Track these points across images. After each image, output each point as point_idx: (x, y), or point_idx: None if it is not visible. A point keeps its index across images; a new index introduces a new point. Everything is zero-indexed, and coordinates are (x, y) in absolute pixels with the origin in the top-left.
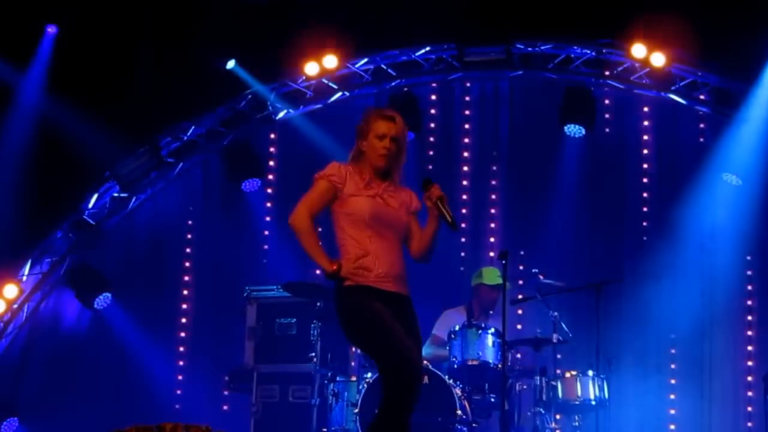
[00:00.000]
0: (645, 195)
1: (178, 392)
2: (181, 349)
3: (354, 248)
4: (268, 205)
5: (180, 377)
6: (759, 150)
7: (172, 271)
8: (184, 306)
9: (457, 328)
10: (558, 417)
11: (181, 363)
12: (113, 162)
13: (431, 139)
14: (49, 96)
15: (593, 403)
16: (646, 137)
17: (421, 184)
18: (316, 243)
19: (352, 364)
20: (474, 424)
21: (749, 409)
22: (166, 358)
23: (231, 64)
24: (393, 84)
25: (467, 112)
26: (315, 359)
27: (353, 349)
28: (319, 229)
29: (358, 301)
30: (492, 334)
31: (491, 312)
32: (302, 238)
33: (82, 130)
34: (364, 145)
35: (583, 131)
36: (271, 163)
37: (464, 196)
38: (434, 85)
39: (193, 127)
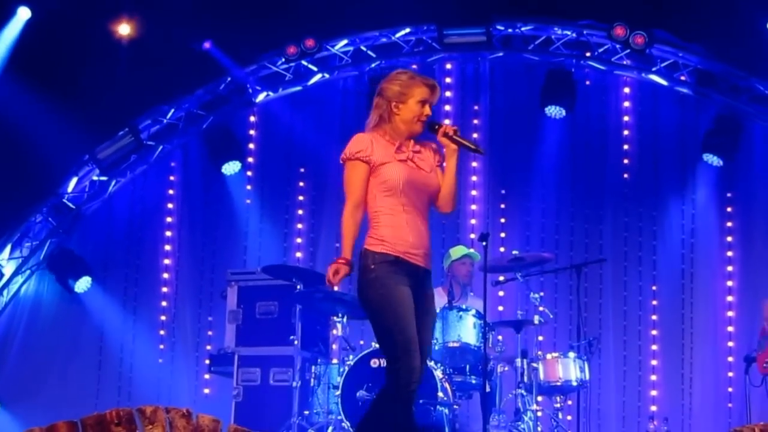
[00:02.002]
0: (625, 176)
1: (159, 376)
2: (162, 332)
3: (387, 218)
4: (248, 188)
5: (161, 361)
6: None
7: (152, 255)
8: (165, 289)
9: (437, 309)
10: (539, 399)
11: (161, 346)
12: (92, 145)
13: None
14: (27, 80)
15: (574, 384)
16: (626, 118)
17: (428, 127)
18: (348, 240)
19: (334, 346)
20: (455, 406)
21: (730, 389)
22: (146, 342)
23: (207, 45)
24: (373, 66)
25: (447, 94)
26: (296, 342)
27: (334, 331)
28: None
29: (383, 277)
30: (473, 315)
31: (470, 291)
32: (341, 233)
33: (61, 114)
34: (400, 108)
35: (564, 113)
36: (251, 146)
37: None
38: (414, 66)
39: (172, 110)
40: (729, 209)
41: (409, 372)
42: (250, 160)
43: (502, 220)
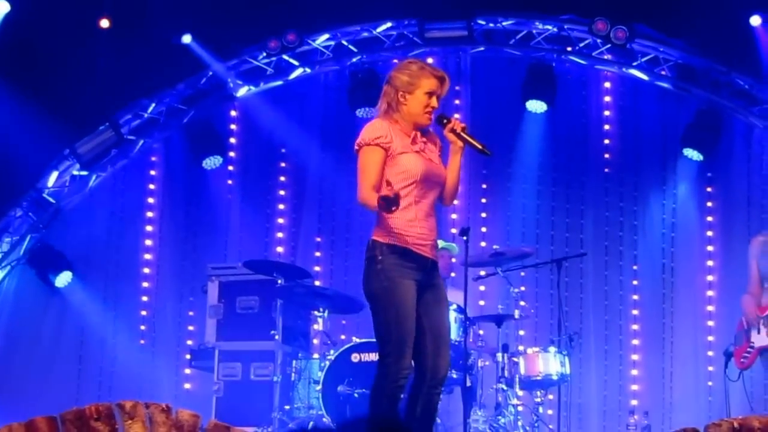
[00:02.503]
0: (606, 171)
1: (140, 371)
2: (143, 327)
3: (401, 208)
4: (229, 182)
5: (141, 356)
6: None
7: (133, 250)
8: (146, 284)
9: None
10: (520, 393)
11: (142, 341)
12: (73, 140)
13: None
14: (7, 74)
15: (555, 378)
16: (607, 113)
17: (437, 120)
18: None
19: (315, 341)
20: None
21: (710, 383)
22: (127, 337)
23: (187, 38)
24: (354, 60)
25: None
26: (277, 337)
27: (315, 326)
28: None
29: (389, 269)
30: (454, 310)
31: (448, 284)
32: (370, 206)
33: (41, 108)
34: (408, 98)
35: (545, 107)
36: (232, 140)
37: None
38: (395, 61)
39: (153, 105)
40: (709, 204)
41: (398, 368)
42: (232, 154)
43: (483, 215)
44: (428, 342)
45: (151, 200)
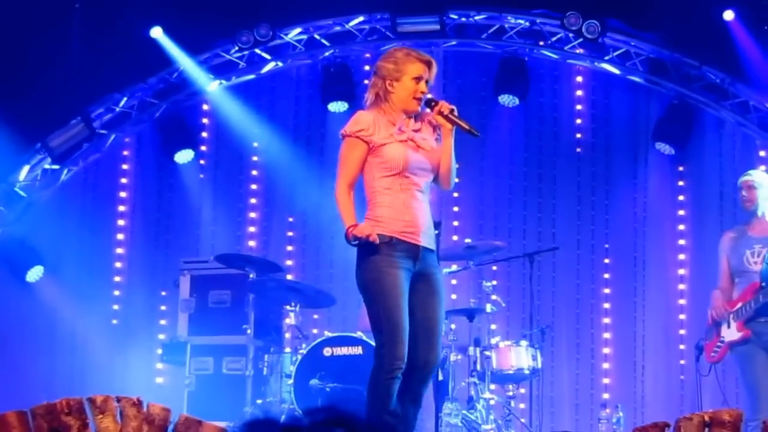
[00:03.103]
0: (578, 165)
1: (112, 365)
2: (114, 321)
3: (385, 198)
4: (201, 176)
5: (113, 350)
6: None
7: (104, 244)
8: (118, 279)
9: None
10: (492, 387)
11: (114, 336)
12: (44, 134)
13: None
14: None
15: (527, 372)
16: (579, 107)
17: (425, 103)
18: (348, 212)
19: (287, 335)
20: None
21: (681, 377)
22: (99, 331)
23: (156, 31)
24: (326, 54)
25: None
26: (249, 331)
27: (287, 320)
28: None
29: (377, 260)
30: None
31: None
32: (339, 210)
33: (13, 101)
34: (396, 86)
35: (517, 101)
36: (204, 134)
37: None
38: (368, 55)
39: (125, 99)
40: (681, 198)
41: (391, 359)
42: (203, 148)
43: (455, 209)
44: (420, 335)
45: (123, 194)
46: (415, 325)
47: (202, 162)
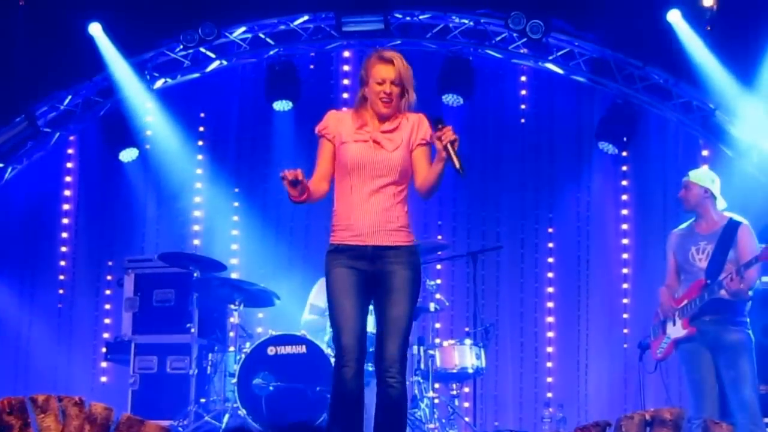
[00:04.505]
0: (522, 164)
1: (56, 364)
2: (59, 320)
3: (337, 204)
4: (146, 175)
5: (57, 349)
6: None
7: (49, 242)
8: (62, 277)
9: None
10: (436, 386)
11: (58, 334)
12: None
13: (310, 108)
14: None
15: (471, 371)
16: (523, 107)
17: (432, 122)
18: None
19: (231, 334)
20: None
21: (625, 376)
22: (43, 330)
23: (94, 28)
24: (271, 53)
25: (345, 82)
26: (193, 330)
27: (231, 319)
28: None
29: (327, 266)
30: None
31: None
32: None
33: None
34: (367, 90)
35: (462, 101)
36: (149, 132)
37: None
38: (313, 54)
39: (69, 97)
40: (624, 197)
41: (338, 353)
42: (148, 147)
43: None
44: (384, 332)
45: (67, 193)
46: (379, 325)
47: (146, 160)
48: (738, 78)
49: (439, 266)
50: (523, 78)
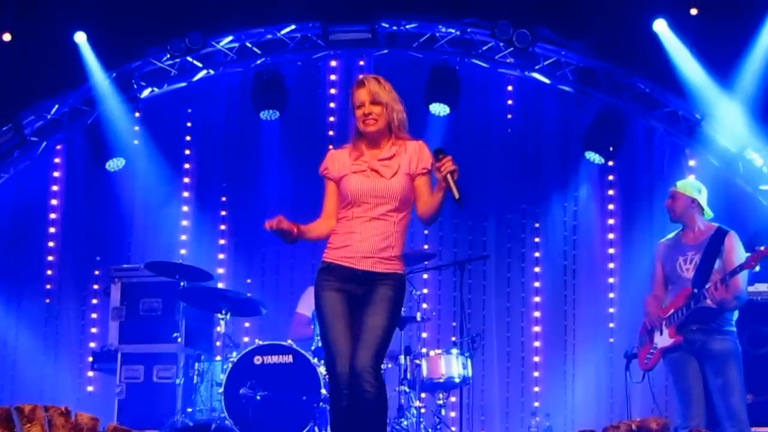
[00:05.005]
0: (509, 173)
1: (42, 373)
2: (45, 329)
3: (338, 227)
4: (133, 184)
5: (44, 358)
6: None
7: (36, 251)
8: (48, 286)
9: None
10: (423, 395)
11: (45, 343)
12: None
13: (297, 117)
14: None
15: (457, 381)
16: (510, 116)
17: (433, 152)
18: (306, 226)
19: (217, 343)
20: None
21: (611, 385)
22: (29, 339)
23: (80, 36)
24: (258, 62)
25: (333, 91)
26: (180, 339)
27: (218, 328)
28: None
29: (317, 286)
30: None
31: None
32: None
33: None
34: (355, 118)
35: (448, 110)
36: (136, 142)
37: None
38: (299, 63)
39: (56, 106)
40: (611, 206)
41: (332, 376)
42: (135, 156)
43: None
44: (359, 340)
45: (54, 202)
46: (356, 332)
47: (133, 170)
48: (724, 88)
49: (425, 275)
50: (510, 87)
